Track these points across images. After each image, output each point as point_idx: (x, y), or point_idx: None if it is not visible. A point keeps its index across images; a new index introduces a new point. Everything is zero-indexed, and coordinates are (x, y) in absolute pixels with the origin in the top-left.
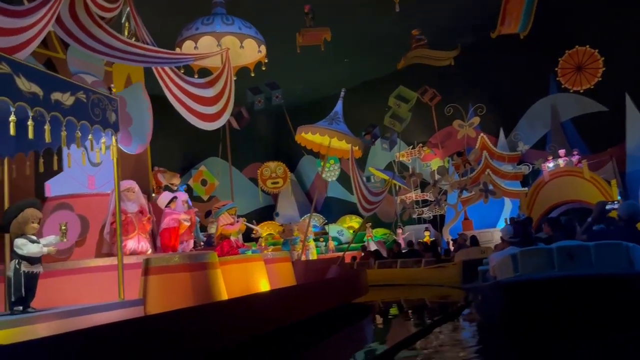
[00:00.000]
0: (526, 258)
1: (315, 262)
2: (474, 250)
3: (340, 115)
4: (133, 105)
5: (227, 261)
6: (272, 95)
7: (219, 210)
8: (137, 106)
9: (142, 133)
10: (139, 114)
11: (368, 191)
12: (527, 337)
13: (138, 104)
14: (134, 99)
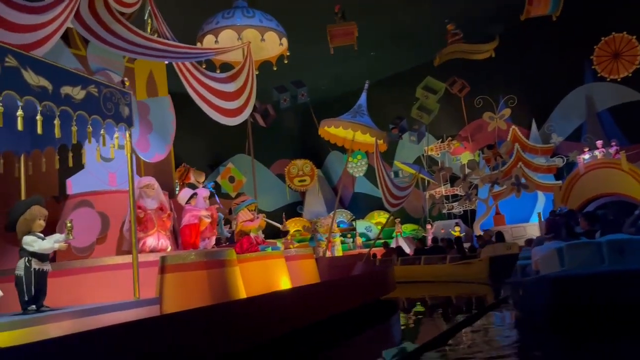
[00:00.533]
0: (573, 252)
1: (340, 258)
2: (500, 246)
3: (365, 108)
4: (157, 115)
5: (247, 258)
6: (297, 93)
7: (238, 207)
8: (161, 117)
9: (161, 143)
10: (161, 125)
11: (394, 186)
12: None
13: (162, 114)
14: (159, 109)
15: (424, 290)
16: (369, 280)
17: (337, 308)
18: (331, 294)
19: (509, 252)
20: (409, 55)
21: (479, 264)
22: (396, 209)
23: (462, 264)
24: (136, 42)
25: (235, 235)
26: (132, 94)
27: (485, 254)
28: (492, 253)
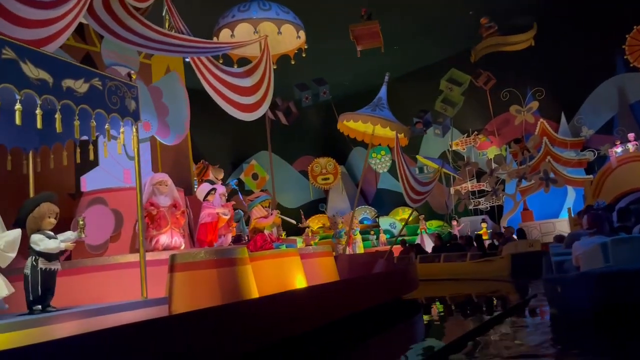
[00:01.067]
0: (618, 247)
1: (361, 255)
2: (522, 244)
3: (385, 101)
4: (169, 95)
5: (260, 256)
6: (319, 91)
7: (251, 203)
8: (173, 95)
9: (179, 122)
10: (176, 103)
11: (415, 181)
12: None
13: (174, 92)
14: (170, 88)
15: (446, 289)
16: (390, 278)
17: (356, 307)
18: (349, 292)
19: (531, 249)
20: (433, 49)
21: (500, 261)
22: (418, 205)
23: (483, 261)
24: (151, 37)
25: (249, 232)
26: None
27: (507, 251)
28: (514, 250)
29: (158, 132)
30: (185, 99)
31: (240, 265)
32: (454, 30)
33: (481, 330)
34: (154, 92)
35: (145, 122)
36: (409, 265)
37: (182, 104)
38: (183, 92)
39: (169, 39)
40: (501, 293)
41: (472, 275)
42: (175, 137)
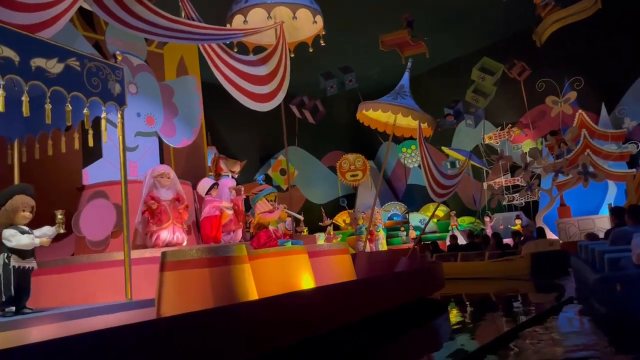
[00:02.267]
0: None
1: (382, 253)
2: (542, 243)
3: (407, 88)
4: (182, 97)
5: (263, 254)
6: (345, 79)
7: (255, 196)
8: (187, 98)
9: (188, 127)
10: (188, 107)
11: (440, 174)
12: None
13: (188, 96)
14: (184, 91)
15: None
16: (412, 277)
17: (371, 309)
18: (362, 293)
19: (551, 248)
20: (465, 40)
21: (520, 260)
22: (443, 200)
23: (502, 260)
24: (159, 23)
25: (252, 228)
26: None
27: (527, 250)
28: (534, 249)
29: (162, 130)
30: (199, 106)
31: (236, 264)
32: (486, 21)
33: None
34: (165, 90)
35: (149, 115)
36: (434, 264)
37: (194, 110)
38: (198, 98)
39: (178, 25)
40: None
41: (491, 274)
42: (181, 140)
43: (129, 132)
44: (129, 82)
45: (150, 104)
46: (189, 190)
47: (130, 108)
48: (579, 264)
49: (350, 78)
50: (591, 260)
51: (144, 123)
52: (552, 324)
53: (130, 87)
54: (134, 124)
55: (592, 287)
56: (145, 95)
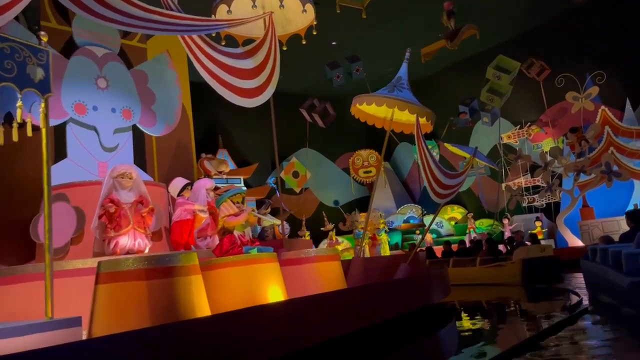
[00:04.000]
0: None
1: (379, 259)
2: (533, 249)
3: (405, 80)
4: (156, 80)
5: (224, 263)
6: (352, 68)
7: (219, 198)
8: (161, 80)
9: (169, 111)
10: (164, 89)
11: (442, 172)
12: None
13: (162, 77)
14: (157, 73)
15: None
16: (411, 284)
17: (362, 321)
18: (349, 304)
19: (543, 254)
20: (482, 37)
21: (511, 266)
22: (446, 200)
23: (493, 266)
24: (132, 13)
25: (217, 233)
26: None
27: (518, 256)
28: (526, 255)
29: (141, 121)
30: (176, 84)
31: (182, 276)
32: (505, 17)
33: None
34: (138, 76)
35: (125, 109)
36: (438, 270)
37: (172, 90)
38: (174, 76)
39: (154, 15)
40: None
41: (482, 280)
42: (163, 127)
43: (107, 131)
44: (97, 77)
45: (124, 96)
46: (162, 193)
47: (104, 104)
48: (595, 268)
49: (357, 67)
50: (614, 263)
51: (121, 118)
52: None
53: (100, 82)
54: (110, 122)
55: (627, 291)
56: (118, 87)
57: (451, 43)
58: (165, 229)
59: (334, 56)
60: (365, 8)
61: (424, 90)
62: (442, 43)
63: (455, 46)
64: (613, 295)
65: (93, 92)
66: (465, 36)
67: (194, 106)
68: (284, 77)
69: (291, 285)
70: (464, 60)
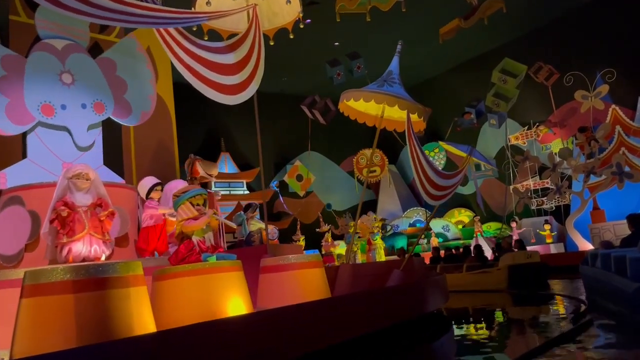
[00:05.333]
0: None
1: (370, 266)
2: (520, 255)
3: (396, 75)
4: (125, 66)
5: (178, 272)
6: (352, 66)
7: (178, 199)
8: (132, 66)
9: (142, 98)
10: (135, 75)
11: (435, 173)
12: None
13: (132, 63)
14: (126, 58)
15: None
16: (402, 292)
17: (343, 333)
18: (325, 317)
19: (529, 260)
20: (489, 36)
21: (497, 273)
22: (440, 202)
23: (479, 272)
24: (100, 4)
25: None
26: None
27: (504, 262)
28: (511, 262)
29: (115, 112)
30: (148, 69)
31: (119, 288)
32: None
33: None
34: (105, 64)
35: (96, 102)
36: (435, 277)
37: (144, 75)
38: (144, 60)
39: (125, 7)
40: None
41: (468, 287)
42: (139, 115)
43: (80, 129)
44: (61, 72)
45: (93, 89)
46: (131, 195)
47: (73, 101)
48: (596, 273)
49: (358, 64)
50: (617, 268)
51: (93, 113)
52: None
53: (64, 77)
54: (82, 119)
55: (633, 297)
56: (84, 80)
57: (465, 22)
58: (133, 234)
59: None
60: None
61: (429, 91)
62: (457, 22)
63: (469, 25)
64: (616, 301)
65: (59, 90)
66: (488, 13)
67: (195, 109)
68: (288, 80)
69: (269, 294)
70: (470, 60)
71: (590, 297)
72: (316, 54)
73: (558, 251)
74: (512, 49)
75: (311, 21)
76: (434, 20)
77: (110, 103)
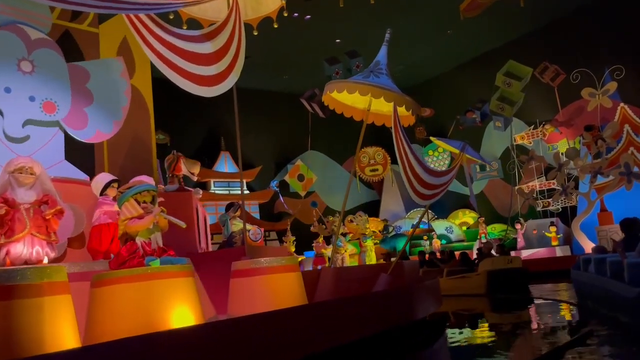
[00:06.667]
0: None
1: (354, 269)
2: (499, 260)
3: (384, 66)
4: (100, 83)
5: (114, 278)
6: (351, 64)
7: (121, 196)
8: (107, 85)
9: (107, 118)
10: (108, 95)
11: (425, 170)
12: None
13: (109, 82)
14: (105, 75)
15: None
16: (388, 298)
17: (316, 345)
18: (292, 325)
19: (509, 266)
20: (495, 32)
21: (476, 278)
22: (430, 202)
23: (459, 277)
24: None
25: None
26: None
27: (483, 267)
28: (491, 267)
29: (67, 120)
30: (125, 96)
31: (29, 298)
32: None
33: None
34: (77, 72)
35: (47, 101)
36: (427, 279)
37: (118, 99)
38: (125, 86)
39: None
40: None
41: (450, 291)
42: (94, 133)
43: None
44: (22, 58)
45: (51, 88)
46: (90, 192)
47: (21, 90)
48: (590, 278)
49: (357, 63)
50: (612, 273)
51: (39, 109)
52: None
53: (23, 65)
54: (23, 110)
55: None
56: (46, 76)
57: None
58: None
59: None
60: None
61: (434, 90)
62: None
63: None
64: (613, 307)
65: (11, 73)
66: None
67: (193, 107)
68: (289, 78)
69: (239, 301)
70: (475, 59)
71: (581, 302)
72: (318, 52)
73: (564, 254)
74: (518, 46)
75: (311, 17)
76: (438, 18)
77: (65, 108)
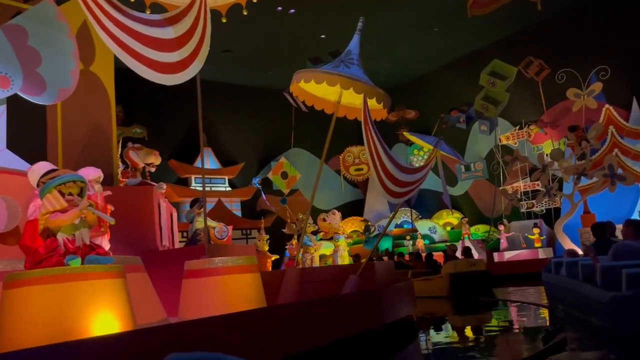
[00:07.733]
0: None
1: (321, 270)
2: (462, 263)
3: (356, 56)
4: (39, 36)
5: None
6: None
7: (43, 187)
8: (48, 36)
9: (62, 73)
10: (52, 47)
11: (396, 167)
12: None
13: (48, 32)
14: (41, 26)
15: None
16: (356, 300)
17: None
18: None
19: (472, 269)
20: (483, 33)
21: (439, 280)
22: (402, 200)
23: (422, 280)
24: None
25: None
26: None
27: (446, 270)
28: (453, 270)
29: (24, 88)
30: (69, 39)
31: None
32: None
33: None
34: (14, 32)
35: (1, 75)
36: (400, 281)
37: (63, 46)
38: (64, 30)
39: None
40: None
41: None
42: (56, 93)
43: None
44: None
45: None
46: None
47: None
48: (561, 281)
49: None
50: (585, 277)
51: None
52: None
53: None
54: None
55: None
56: None
57: None
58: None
59: (324, 50)
60: None
61: (420, 89)
62: None
63: None
64: (586, 310)
65: None
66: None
67: (175, 101)
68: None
69: (190, 303)
70: (461, 58)
71: (552, 305)
72: (303, 47)
73: (547, 256)
74: (505, 46)
75: (295, 11)
76: (424, 16)
77: (18, 77)
